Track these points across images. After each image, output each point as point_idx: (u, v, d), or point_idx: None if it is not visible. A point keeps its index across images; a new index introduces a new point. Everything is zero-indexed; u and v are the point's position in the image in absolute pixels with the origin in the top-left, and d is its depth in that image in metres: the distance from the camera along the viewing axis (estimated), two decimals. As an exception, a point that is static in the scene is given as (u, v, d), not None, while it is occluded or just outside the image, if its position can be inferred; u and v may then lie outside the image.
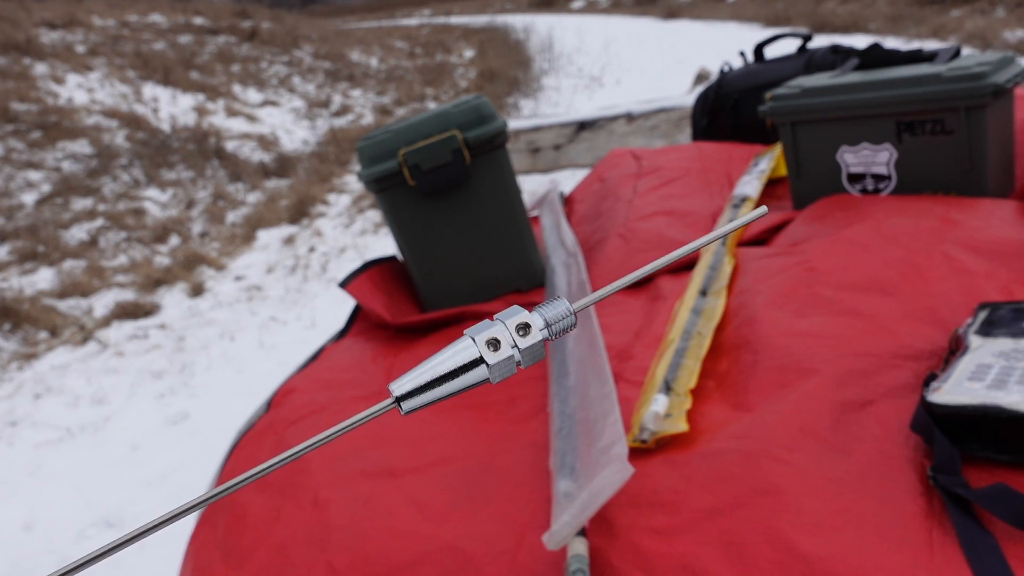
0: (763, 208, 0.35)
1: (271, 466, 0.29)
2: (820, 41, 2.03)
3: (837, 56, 1.71)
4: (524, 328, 0.32)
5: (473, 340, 0.31)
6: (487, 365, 0.31)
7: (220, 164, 6.10)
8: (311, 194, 5.46)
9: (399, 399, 0.31)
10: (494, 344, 0.31)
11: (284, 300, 3.82)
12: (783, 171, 1.47)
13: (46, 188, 5.46)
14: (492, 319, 0.32)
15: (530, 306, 1.28)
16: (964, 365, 0.72)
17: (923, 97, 1.12)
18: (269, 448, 1.03)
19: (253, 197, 5.69)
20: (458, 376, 0.31)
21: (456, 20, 18.19)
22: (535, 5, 20.79)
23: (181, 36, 9.79)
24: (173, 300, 4.02)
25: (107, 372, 3.25)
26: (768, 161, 1.48)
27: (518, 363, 0.32)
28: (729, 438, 0.76)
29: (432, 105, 8.49)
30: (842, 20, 9.01)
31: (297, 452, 0.29)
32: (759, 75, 1.84)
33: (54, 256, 4.53)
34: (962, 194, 1.15)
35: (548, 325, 0.32)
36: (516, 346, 0.31)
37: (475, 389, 0.36)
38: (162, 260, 4.51)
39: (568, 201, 1.72)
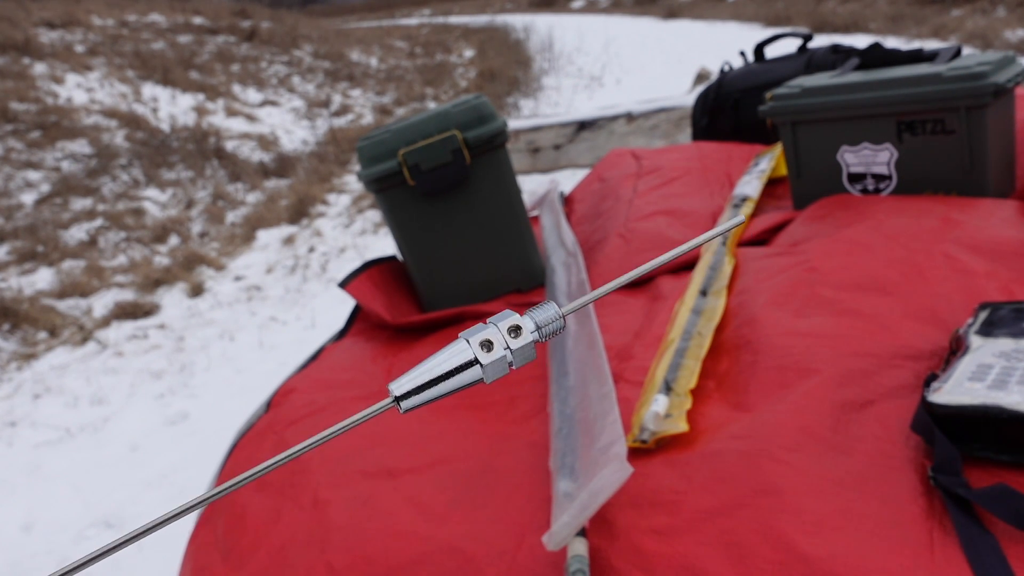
0: (740, 217, 0.37)
1: (270, 465, 0.30)
2: (820, 41, 2.03)
3: (837, 56, 1.71)
4: (516, 330, 0.34)
5: (467, 342, 0.33)
6: (481, 366, 0.33)
7: (220, 164, 6.10)
8: (311, 194, 5.46)
9: (398, 398, 0.33)
10: (487, 345, 0.33)
11: (284, 300, 3.82)
12: (783, 171, 1.47)
13: (45, 188, 5.45)
14: (486, 322, 0.34)
15: (530, 306, 1.28)
16: (965, 365, 0.72)
17: (923, 97, 1.12)
18: (269, 448, 1.03)
19: (253, 197, 5.68)
20: (454, 376, 0.33)
21: (456, 20, 18.19)
22: (535, 5, 20.80)
23: (180, 36, 9.79)
24: (173, 300, 4.01)
25: (106, 372, 3.25)
26: (768, 161, 1.48)
27: (510, 364, 0.34)
28: (729, 438, 0.76)
29: (432, 105, 8.49)
30: (842, 20, 9.02)
31: (297, 451, 0.31)
32: (759, 75, 1.83)
33: (53, 256, 4.53)
34: (963, 194, 1.15)
35: (539, 328, 0.34)
36: (508, 347, 0.33)
37: (475, 389, 0.38)
38: (161, 260, 4.51)
39: (568, 201, 1.72)
